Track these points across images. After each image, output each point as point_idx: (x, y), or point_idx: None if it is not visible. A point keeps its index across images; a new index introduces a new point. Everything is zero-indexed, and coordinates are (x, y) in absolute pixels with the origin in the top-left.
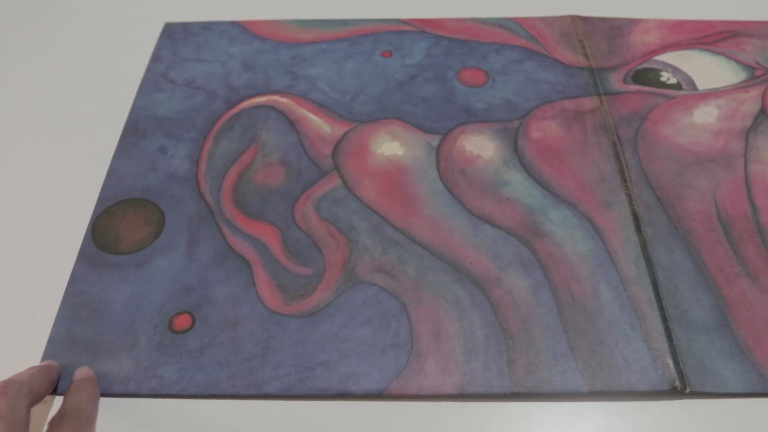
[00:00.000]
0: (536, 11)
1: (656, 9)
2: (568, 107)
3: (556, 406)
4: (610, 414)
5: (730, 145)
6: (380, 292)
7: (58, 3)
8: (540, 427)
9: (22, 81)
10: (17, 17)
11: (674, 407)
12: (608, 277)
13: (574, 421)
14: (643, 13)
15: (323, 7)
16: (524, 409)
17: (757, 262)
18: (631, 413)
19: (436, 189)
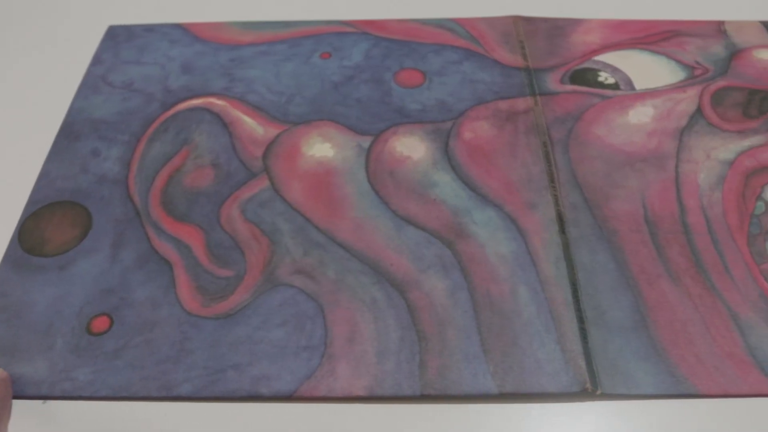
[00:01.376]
0: (484, 12)
1: (604, 9)
2: (502, 108)
3: (466, 408)
4: (521, 416)
5: (663, 144)
6: (298, 293)
7: (9, 4)
8: (450, 429)
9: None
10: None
11: (587, 409)
12: (527, 278)
13: (483, 423)
14: (591, 13)
15: (273, 9)
16: (436, 411)
17: (680, 263)
18: (543, 415)
19: (363, 190)
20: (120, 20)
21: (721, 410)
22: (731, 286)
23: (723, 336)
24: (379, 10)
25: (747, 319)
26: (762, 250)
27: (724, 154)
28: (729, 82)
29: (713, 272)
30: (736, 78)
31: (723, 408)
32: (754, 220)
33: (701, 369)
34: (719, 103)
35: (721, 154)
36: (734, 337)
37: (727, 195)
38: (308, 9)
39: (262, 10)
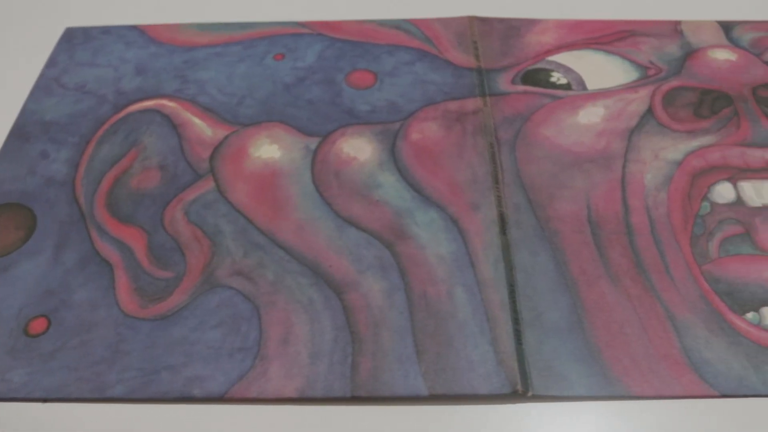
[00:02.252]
0: (448, 13)
1: (565, 10)
2: (451, 109)
3: (397, 410)
4: (452, 417)
5: (611, 145)
6: (236, 295)
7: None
8: (380, 430)
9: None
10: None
11: (519, 410)
12: (465, 279)
13: (414, 424)
14: (554, 14)
15: (234, 11)
16: (367, 412)
17: (621, 264)
18: (474, 417)
19: (307, 192)
20: (82, 22)
21: (655, 412)
22: (671, 287)
23: (659, 337)
24: (339, 12)
25: (684, 320)
26: (704, 250)
27: (673, 154)
28: (682, 82)
29: (654, 273)
30: (690, 78)
31: (656, 409)
32: (699, 221)
33: (635, 370)
34: (671, 103)
35: (669, 154)
36: (671, 339)
37: (672, 195)
38: (265, 10)
39: (222, 11)
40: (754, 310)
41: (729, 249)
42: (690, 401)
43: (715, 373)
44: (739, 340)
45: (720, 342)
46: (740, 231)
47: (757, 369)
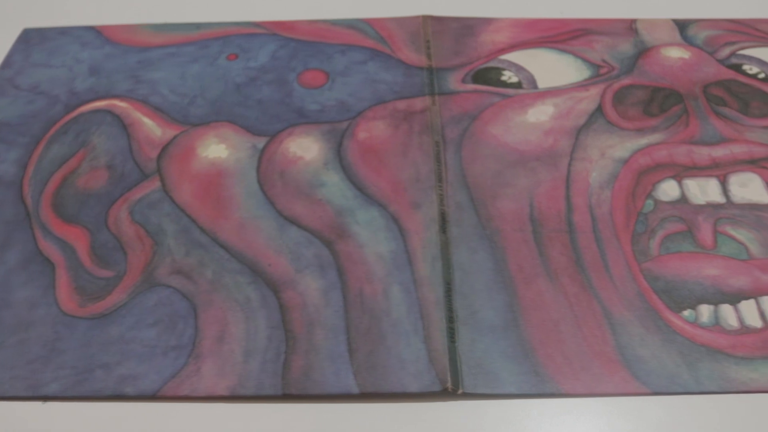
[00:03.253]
0: (407, 12)
1: (523, 9)
2: (399, 108)
3: (328, 408)
4: (383, 415)
5: (558, 143)
6: (174, 293)
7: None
8: (311, 429)
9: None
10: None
11: (449, 408)
12: (402, 278)
13: (344, 422)
14: (518, 13)
15: (195, 11)
16: (299, 410)
17: (560, 262)
18: (405, 415)
19: (252, 191)
20: (42, 23)
21: (587, 409)
22: (609, 284)
23: (594, 335)
24: (300, 12)
25: (621, 318)
26: (645, 248)
27: (620, 152)
28: (633, 81)
29: (593, 271)
30: (642, 76)
31: (588, 407)
32: (641, 218)
33: (568, 368)
34: (621, 101)
35: (616, 152)
36: (605, 336)
37: (616, 193)
38: (223, 10)
39: (181, 11)
40: (691, 307)
41: (670, 247)
42: (624, 399)
43: (647, 370)
44: (674, 337)
45: (654, 340)
46: (682, 229)
47: (690, 366)
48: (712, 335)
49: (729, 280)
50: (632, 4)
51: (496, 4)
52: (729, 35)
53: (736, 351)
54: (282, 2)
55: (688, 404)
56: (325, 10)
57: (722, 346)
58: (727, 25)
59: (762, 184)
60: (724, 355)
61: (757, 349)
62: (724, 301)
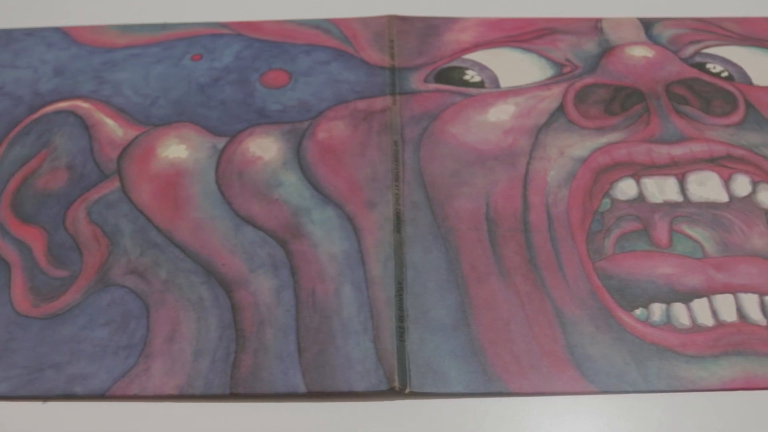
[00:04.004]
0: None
1: (496, 8)
2: (360, 107)
3: (276, 407)
4: (330, 414)
5: (518, 142)
6: (128, 293)
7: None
8: (258, 428)
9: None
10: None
11: (397, 407)
12: (354, 277)
13: (292, 421)
14: (489, 13)
15: (161, 11)
16: (247, 409)
17: (514, 261)
18: (352, 414)
19: (209, 191)
20: (9, 24)
21: (533, 407)
22: (562, 283)
23: (545, 334)
24: (271, 12)
25: (572, 317)
26: (600, 247)
27: (579, 151)
28: (596, 79)
29: (546, 270)
30: (604, 75)
31: (536, 405)
32: (597, 217)
33: (516, 367)
34: (583, 100)
35: (575, 151)
36: (556, 335)
37: (574, 192)
38: (189, 10)
39: (149, 12)
40: (643, 306)
41: (625, 245)
42: (573, 397)
43: (596, 369)
44: (624, 336)
45: (605, 338)
46: (638, 227)
47: (639, 365)
48: (662, 334)
49: (683, 278)
50: (601, 3)
51: (468, 4)
52: (694, 34)
53: (687, 350)
54: (254, 3)
55: (637, 403)
56: (302, 10)
57: (672, 344)
58: (692, 24)
59: (720, 182)
60: (674, 353)
61: (707, 348)
62: (677, 300)
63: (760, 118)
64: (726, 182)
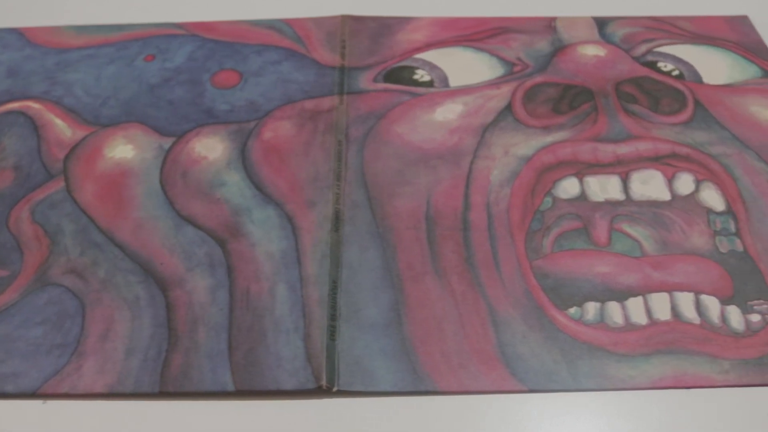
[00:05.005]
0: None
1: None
2: (307, 107)
3: (205, 405)
4: (259, 412)
5: (463, 141)
6: (65, 293)
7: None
8: (187, 426)
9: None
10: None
11: (327, 406)
12: (289, 276)
13: (221, 419)
14: (445, 12)
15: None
16: (177, 408)
17: (451, 260)
18: (281, 412)
19: (153, 191)
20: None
21: (461, 406)
22: (497, 282)
23: (476, 333)
24: (232, 12)
25: (505, 316)
26: (538, 246)
27: (524, 150)
28: (545, 78)
29: (482, 269)
30: (555, 74)
31: (465, 404)
32: (538, 216)
33: (446, 366)
34: (531, 99)
35: (520, 150)
36: (488, 334)
37: (515, 191)
38: (143, 11)
39: (105, 13)
40: (577, 305)
41: (564, 244)
42: (499, 396)
43: (526, 368)
44: (556, 335)
45: (537, 337)
46: (578, 226)
47: (569, 364)
48: (595, 333)
49: (619, 277)
50: (559, 3)
51: (428, 4)
52: (647, 32)
53: (618, 348)
54: (214, 3)
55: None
56: (265, 10)
57: (604, 343)
58: (646, 23)
59: (663, 181)
60: (605, 352)
61: (639, 347)
62: (612, 299)
63: (708, 117)
64: (669, 181)
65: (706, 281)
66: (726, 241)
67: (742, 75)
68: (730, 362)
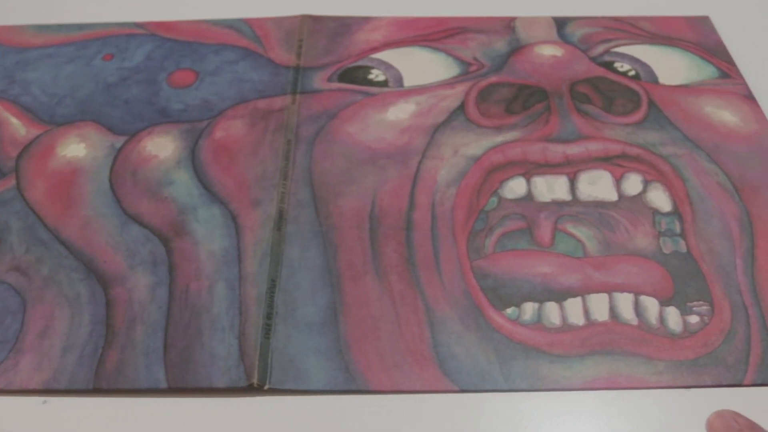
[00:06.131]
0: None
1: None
2: (260, 106)
3: (139, 402)
4: (191, 410)
5: (413, 141)
6: (8, 290)
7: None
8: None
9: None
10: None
11: (259, 403)
12: (229, 275)
13: (153, 417)
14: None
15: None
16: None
17: (392, 259)
18: (213, 410)
19: (102, 189)
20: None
21: (393, 405)
22: (437, 282)
23: (412, 333)
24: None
25: (443, 316)
26: (480, 246)
27: (474, 150)
28: (500, 78)
29: (423, 269)
30: (510, 74)
31: (398, 403)
32: (482, 216)
33: (379, 365)
34: (485, 99)
35: (470, 150)
36: (424, 334)
37: (462, 191)
38: (104, 10)
39: (71, 12)
40: (516, 305)
41: (506, 244)
42: (433, 396)
43: (459, 368)
44: (491, 335)
45: (472, 337)
46: (522, 226)
47: (503, 364)
48: (530, 333)
49: (559, 278)
50: (520, 3)
51: (393, 4)
52: (606, 33)
53: (554, 349)
54: (178, 3)
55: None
56: (229, 10)
57: (539, 344)
58: (606, 23)
59: (612, 181)
60: (539, 352)
61: (574, 348)
62: (551, 299)
63: (662, 117)
64: (618, 181)
65: (647, 282)
66: (670, 242)
67: (698, 75)
68: (664, 363)
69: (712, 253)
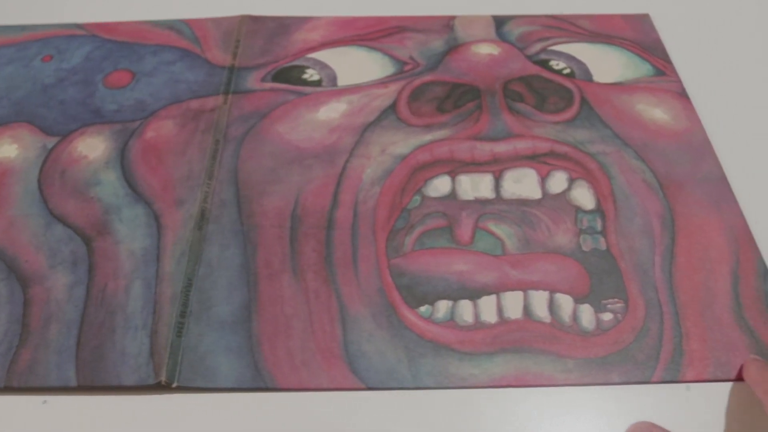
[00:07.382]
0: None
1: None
2: (192, 107)
3: (49, 399)
4: (101, 407)
5: (342, 140)
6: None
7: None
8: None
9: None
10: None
11: (168, 401)
12: (147, 274)
13: (62, 414)
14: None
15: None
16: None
17: (310, 258)
18: (124, 407)
19: (30, 189)
20: None
21: (300, 404)
22: (353, 281)
23: (324, 331)
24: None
25: (356, 314)
26: (399, 244)
27: (401, 148)
28: (434, 77)
29: (340, 267)
30: (445, 73)
31: (308, 402)
32: (404, 214)
33: (288, 363)
34: (417, 98)
35: (397, 149)
36: (335, 332)
37: (385, 189)
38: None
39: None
40: (430, 303)
41: (426, 242)
42: (340, 394)
43: (368, 366)
44: (402, 333)
45: (383, 335)
46: (443, 224)
47: (411, 362)
48: (442, 331)
49: (476, 275)
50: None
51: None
52: (544, 31)
53: (464, 347)
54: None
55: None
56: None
57: (450, 341)
58: (545, 21)
59: (537, 179)
60: (449, 350)
61: (484, 345)
62: (466, 297)
63: (593, 115)
64: (543, 179)
65: (564, 280)
66: (590, 240)
67: (634, 73)
68: (574, 361)
69: (632, 251)
